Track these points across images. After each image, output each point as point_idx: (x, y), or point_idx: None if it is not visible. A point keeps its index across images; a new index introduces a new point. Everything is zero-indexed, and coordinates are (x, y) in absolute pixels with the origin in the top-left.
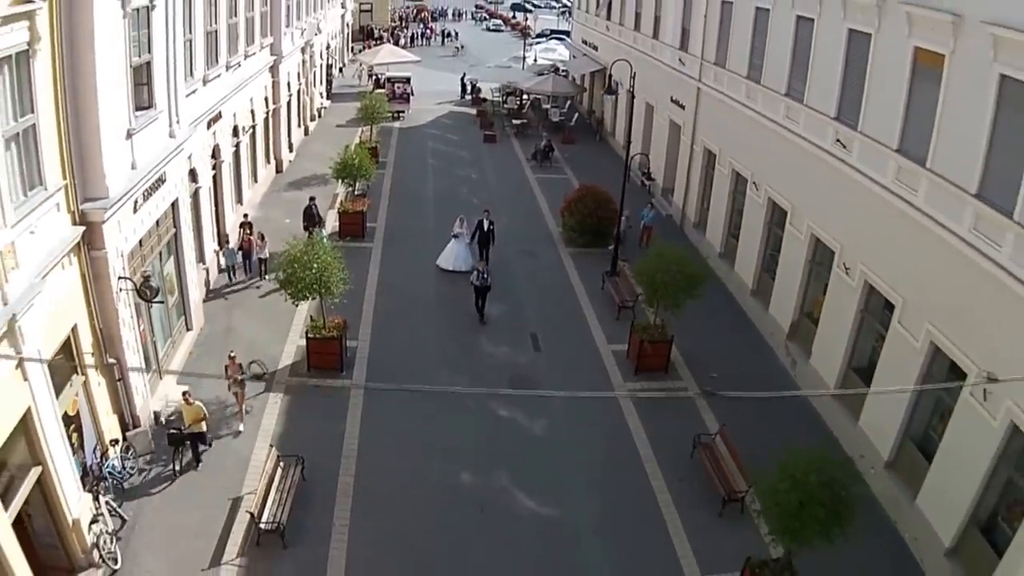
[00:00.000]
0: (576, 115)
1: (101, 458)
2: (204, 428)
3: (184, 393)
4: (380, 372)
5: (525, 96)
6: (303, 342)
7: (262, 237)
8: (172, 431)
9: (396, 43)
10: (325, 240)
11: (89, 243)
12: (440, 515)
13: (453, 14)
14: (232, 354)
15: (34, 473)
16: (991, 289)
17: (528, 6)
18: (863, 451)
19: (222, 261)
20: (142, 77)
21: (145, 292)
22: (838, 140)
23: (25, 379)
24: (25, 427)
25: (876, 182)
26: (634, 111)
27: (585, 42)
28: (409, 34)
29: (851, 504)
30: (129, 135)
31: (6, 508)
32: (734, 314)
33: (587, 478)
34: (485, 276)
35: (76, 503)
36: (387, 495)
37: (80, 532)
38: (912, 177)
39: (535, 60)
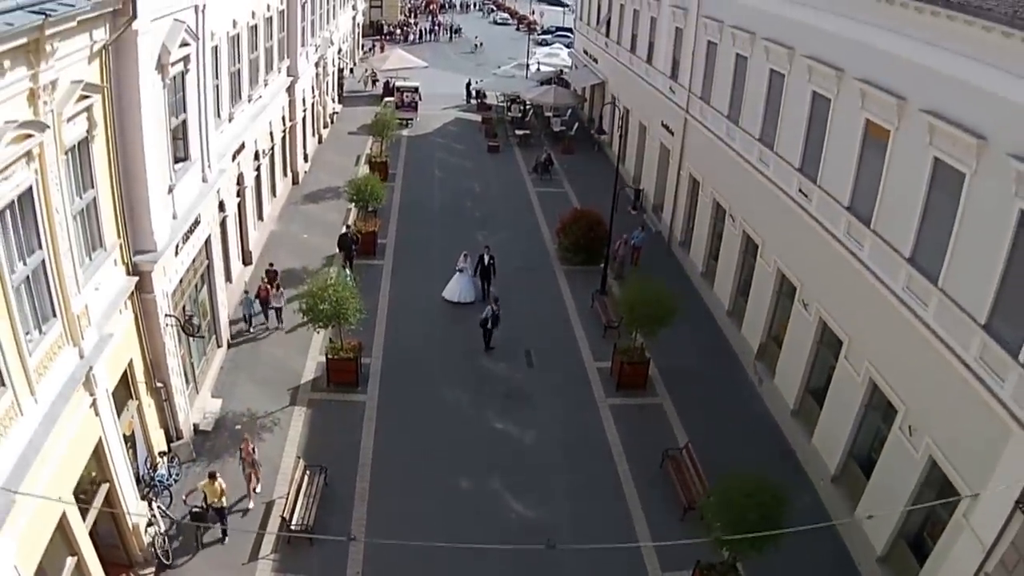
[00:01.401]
0: (576, 124)
1: (152, 469)
2: (225, 503)
3: (211, 473)
4: (391, 387)
5: (528, 104)
6: (323, 358)
7: (278, 287)
8: (195, 509)
9: (405, 39)
10: (348, 278)
11: (140, 288)
12: (442, 516)
13: (460, 6)
14: (245, 436)
15: (103, 489)
16: (917, 342)
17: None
18: (814, 466)
19: (239, 310)
20: (178, 133)
21: (189, 328)
22: (800, 190)
23: (97, 415)
24: (97, 453)
25: (830, 232)
26: (628, 130)
27: (586, 52)
28: (417, 30)
29: (778, 523)
30: (170, 190)
31: (84, 519)
32: (711, 331)
33: (568, 484)
34: (496, 312)
35: (136, 511)
36: (397, 499)
37: (139, 535)
38: (859, 234)
39: (538, 68)
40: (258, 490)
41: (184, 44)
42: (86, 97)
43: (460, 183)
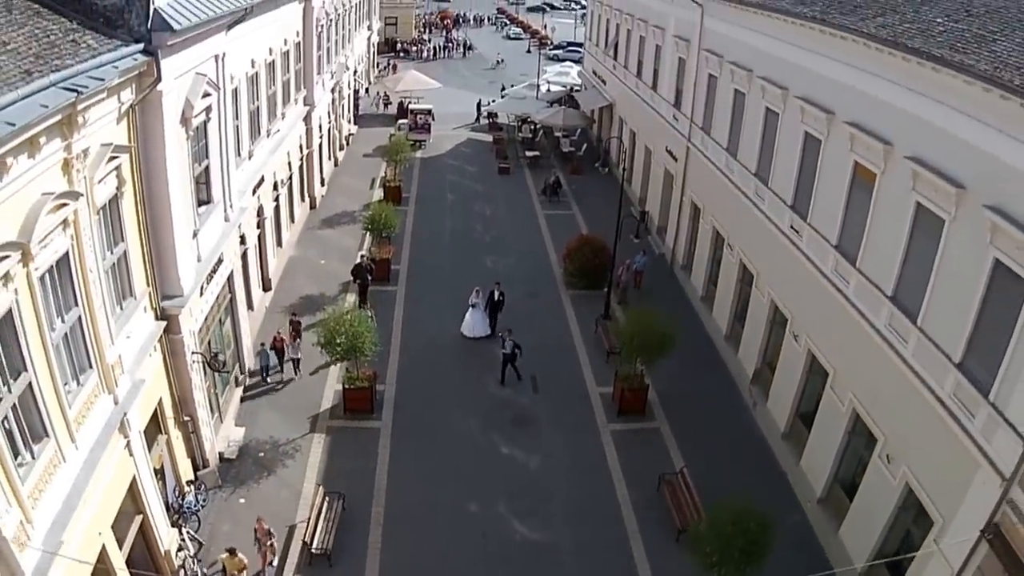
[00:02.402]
0: (585, 145)
1: (180, 497)
2: None
3: (230, 549)
4: (404, 414)
5: (538, 125)
6: (340, 386)
7: (294, 338)
8: None
9: (420, 55)
10: (370, 318)
11: (167, 330)
12: (451, 539)
13: (474, 20)
14: (259, 518)
15: (137, 520)
16: (897, 376)
17: (546, 7)
18: (803, 488)
19: (255, 362)
20: (201, 178)
21: (215, 365)
22: (792, 226)
23: (131, 455)
24: (131, 489)
25: (819, 269)
26: (635, 152)
27: (595, 73)
28: (431, 47)
29: (763, 548)
30: (195, 235)
31: (120, 548)
32: (710, 354)
33: (570, 507)
34: (516, 344)
35: (167, 537)
36: (410, 522)
37: (171, 559)
38: (846, 271)
39: (548, 89)
40: (274, 564)
41: (206, 95)
42: (115, 158)
43: (471, 207)
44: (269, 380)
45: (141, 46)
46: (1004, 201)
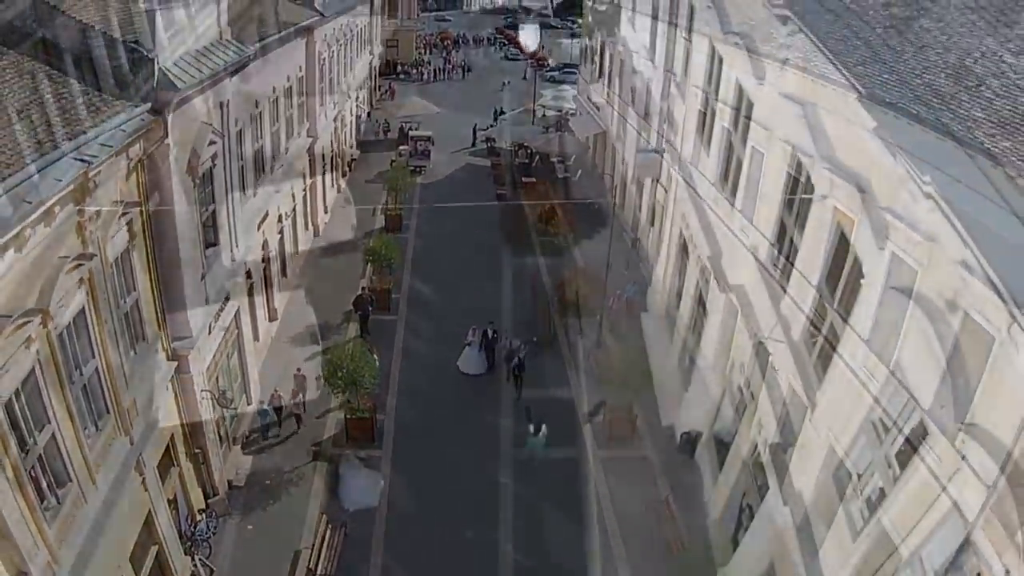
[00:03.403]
0: (580, 172)
1: (192, 524)
2: None
3: None
4: (404, 442)
5: (533, 150)
6: (341, 414)
7: (297, 393)
8: None
9: (421, 76)
10: (375, 360)
11: (178, 369)
12: (449, 564)
13: (474, 40)
14: None
15: (153, 551)
16: (869, 416)
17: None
18: (784, 513)
19: (255, 420)
20: (208, 221)
21: (223, 402)
22: (775, 264)
23: (146, 490)
24: (147, 522)
25: (799, 308)
26: (627, 181)
27: (589, 99)
28: (431, 69)
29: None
30: (203, 277)
31: None
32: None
33: (563, 532)
34: (517, 353)
35: (180, 565)
36: (409, 548)
37: None
38: (824, 311)
39: (543, 114)
40: None
41: (212, 143)
42: (126, 213)
43: (468, 234)
44: (269, 438)
45: (148, 105)
46: (969, 256)
